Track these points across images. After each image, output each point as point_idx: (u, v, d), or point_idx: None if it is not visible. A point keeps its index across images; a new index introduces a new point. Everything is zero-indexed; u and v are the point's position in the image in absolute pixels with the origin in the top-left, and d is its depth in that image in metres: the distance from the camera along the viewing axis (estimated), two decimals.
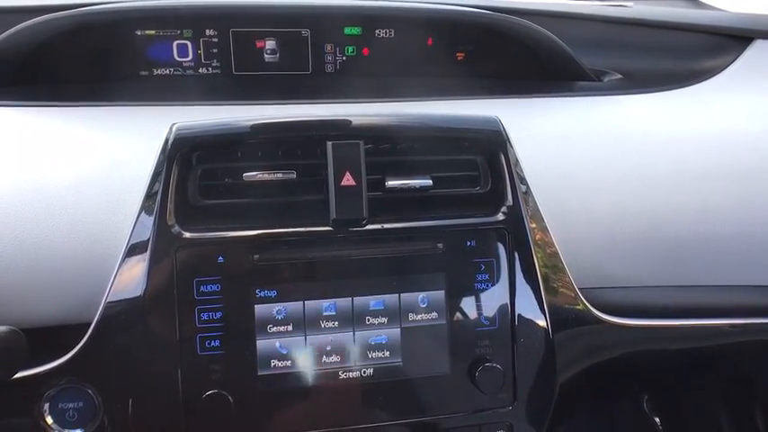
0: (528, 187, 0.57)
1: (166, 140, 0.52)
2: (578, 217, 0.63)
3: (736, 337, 0.69)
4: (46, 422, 0.52)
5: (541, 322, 0.57)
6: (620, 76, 0.85)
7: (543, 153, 0.64)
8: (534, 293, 0.56)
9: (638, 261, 0.65)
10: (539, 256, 0.56)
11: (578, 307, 0.59)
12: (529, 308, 0.56)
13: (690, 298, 0.68)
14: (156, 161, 0.52)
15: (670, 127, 0.72)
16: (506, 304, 0.56)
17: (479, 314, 0.55)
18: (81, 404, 0.53)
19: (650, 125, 0.72)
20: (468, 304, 0.55)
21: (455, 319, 0.55)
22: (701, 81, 0.80)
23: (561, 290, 0.58)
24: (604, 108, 0.75)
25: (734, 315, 0.67)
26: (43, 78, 0.74)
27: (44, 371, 0.52)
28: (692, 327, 0.65)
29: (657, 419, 1.36)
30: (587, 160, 0.67)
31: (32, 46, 0.71)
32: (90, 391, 0.52)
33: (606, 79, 0.85)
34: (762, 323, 0.67)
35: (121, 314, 0.51)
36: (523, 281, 0.56)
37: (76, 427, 0.53)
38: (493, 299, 0.55)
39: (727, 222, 0.66)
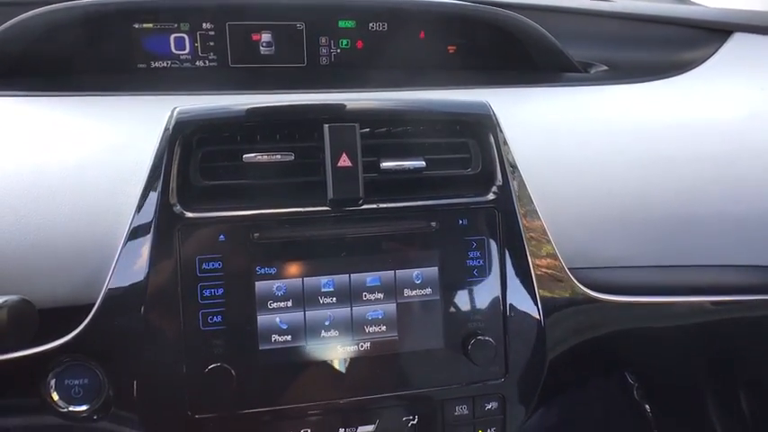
0: (517, 169, 0.60)
1: (168, 123, 0.54)
2: (565, 199, 0.65)
3: (716, 314, 0.72)
4: (52, 399, 0.54)
5: (531, 298, 0.59)
6: (605, 67, 0.88)
7: (532, 139, 0.67)
8: (524, 270, 0.59)
9: (624, 241, 0.67)
10: (528, 234, 0.59)
11: (566, 283, 0.61)
12: (519, 284, 0.58)
13: (672, 277, 0.70)
14: (158, 144, 0.54)
15: (653, 115, 0.75)
16: (497, 280, 0.58)
17: (472, 290, 0.57)
18: (86, 381, 0.54)
19: (634, 113, 0.75)
20: (460, 280, 0.57)
21: (448, 294, 0.57)
22: (683, 72, 0.83)
23: (549, 267, 0.60)
24: (590, 97, 0.78)
25: (714, 293, 0.70)
26: (41, 70, 0.75)
27: (49, 348, 0.53)
28: (675, 303, 0.68)
29: (647, 406, 1.38)
30: (574, 146, 0.69)
31: (30, 38, 0.73)
32: (95, 368, 0.54)
33: (593, 71, 0.88)
34: (740, 300, 0.70)
35: (125, 292, 0.52)
36: (513, 258, 0.58)
37: (82, 404, 0.54)
38: (484, 275, 0.57)
39: (705, 203, 0.69)
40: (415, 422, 0.57)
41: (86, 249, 0.54)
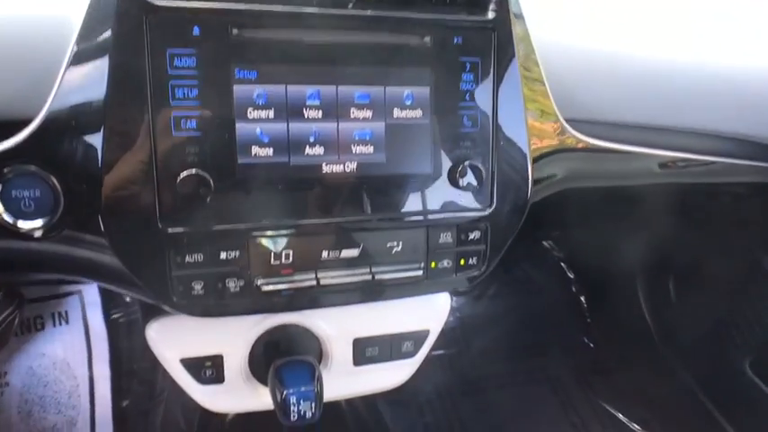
0: None
1: None
2: (559, 50, 0.63)
3: (680, 177, 0.75)
4: None
5: (521, 130, 0.57)
6: None
7: None
8: (516, 100, 0.57)
9: (612, 95, 0.67)
10: (522, 61, 0.56)
11: (555, 121, 0.61)
12: (510, 113, 0.57)
13: (651, 136, 0.72)
14: None
15: None
16: (489, 107, 0.56)
17: (463, 114, 0.55)
18: (38, 192, 0.48)
19: None
20: (452, 103, 0.54)
21: (439, 117, 0.54)
22: None
23: (540, 101, 0.59)
24: None
25: (683, 151, 0.73)
26: None
27: None
28: (651, 155, 0.69)
29: (582, 298, 1.49)
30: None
31: None
32: (47, 177, 0.48)
33: None
34: (702, 161, 0.73)
35: (84, 85, 0.46)
36: (506, 86, 0.56)
37: (34, 218, 0.48)
38: (476, 100, 0.55)
39: (689, 69, 0.70)
40: (398, 248, 0.56)
41: (37, 41, 0.47)
